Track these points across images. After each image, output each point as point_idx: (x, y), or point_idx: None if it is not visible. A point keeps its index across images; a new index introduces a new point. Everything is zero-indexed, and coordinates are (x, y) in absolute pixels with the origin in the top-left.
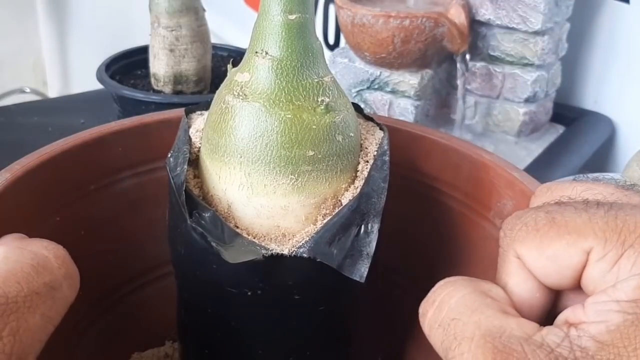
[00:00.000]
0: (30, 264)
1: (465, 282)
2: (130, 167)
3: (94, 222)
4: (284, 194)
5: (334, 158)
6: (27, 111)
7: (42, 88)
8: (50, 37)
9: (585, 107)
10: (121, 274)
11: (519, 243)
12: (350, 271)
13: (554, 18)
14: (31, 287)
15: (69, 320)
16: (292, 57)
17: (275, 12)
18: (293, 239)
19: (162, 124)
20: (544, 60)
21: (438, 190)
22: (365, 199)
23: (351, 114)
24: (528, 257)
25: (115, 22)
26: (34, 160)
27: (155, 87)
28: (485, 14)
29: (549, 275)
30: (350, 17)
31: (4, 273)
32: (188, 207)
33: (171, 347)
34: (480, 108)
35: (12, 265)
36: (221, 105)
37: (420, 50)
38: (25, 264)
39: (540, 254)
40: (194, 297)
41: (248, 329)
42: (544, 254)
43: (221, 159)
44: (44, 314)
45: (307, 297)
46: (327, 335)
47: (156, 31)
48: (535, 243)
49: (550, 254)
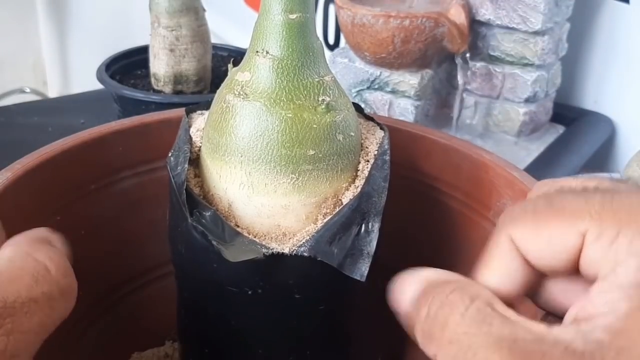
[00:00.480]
0: (31, 273)
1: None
2: (130, 167)
3: (94, 222)
4: (284, 193)
5: (335, 157)
6: (27, 111)
7: (42, 88)
8: (50, 37)
9: (585, 107)
10: (121, 274)
11: (515, 225)
12: (350, 270)
13: (554, 18)
14: (30, 295)
15: (69, 320)
16: (292, 56)
17: (276, 12)
18: (294, 238)
19: (162, 124)
20: (544, 60)
21: (438, 190)
22: (365, 198)
23: (352, 114)
24: (523, 239)
25: (115, 22)
26: (34, 160)
27: (155, 87)
28: (485, 14)
29: (543, 258)
30: (350, 17)
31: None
32: (189, 206)
33: (171, 347)
34: (480, 108)
35: (15, 271)
36: (222, 105)
37: (421, 50)
38: (27, 271)
39: (536, 236)
40: (194, 296)
41: (248, 328)
42: (539, 236)
43: (222, 158)
44: (40, 321)
45: (307, 297)
46: (327, 335)
47: (156, 31)
48: (531, 225)
49: (546, 235)
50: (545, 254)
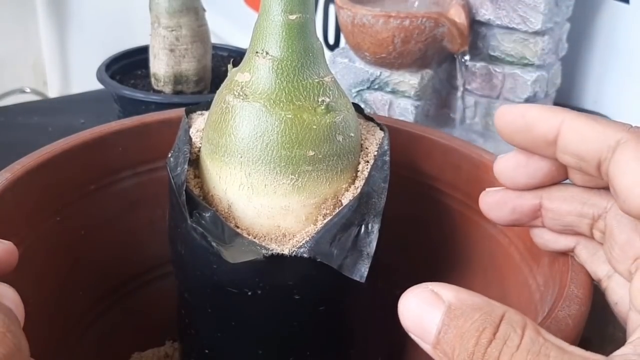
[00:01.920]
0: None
1: (505, 322)
2: (130, 167)
3: (94, 222)
4: (284, 194)
5: (335, 158)
6: (27, 111)
7: (42, 88)
8: (50, 37)
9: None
10: (121, 274)
11: (571, 115)
12: (350, 271)
13: (554, 18)
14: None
15: (69, 320)
16: (292, 57)
17: (275, 12)
18: (293, 239)
19: (162, 124)
20: (544, 60)
21: (438, 190)
22: (365, 199)
23: (351, 114)
24: (573, 125)
25: (115, 22)
26: (34, 160)
27: (155, 87)
28: (485, 14)
29: (580, 148)
30: (350, 17)
31: None
32: (188, 207)
33: (171, 347)
34: (480, 108)
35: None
36: (222, 105)
37: (421, 50)
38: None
39: (585, 125)
40: (194, 297)
41: (248, 328)
42: (588, 125)
43: (222, 159)
44: None
45: (307, 297)
46: (327, 335)
47: (156, 31)
48: (585, 119)
49: (593, 127)
50: (582, 145)
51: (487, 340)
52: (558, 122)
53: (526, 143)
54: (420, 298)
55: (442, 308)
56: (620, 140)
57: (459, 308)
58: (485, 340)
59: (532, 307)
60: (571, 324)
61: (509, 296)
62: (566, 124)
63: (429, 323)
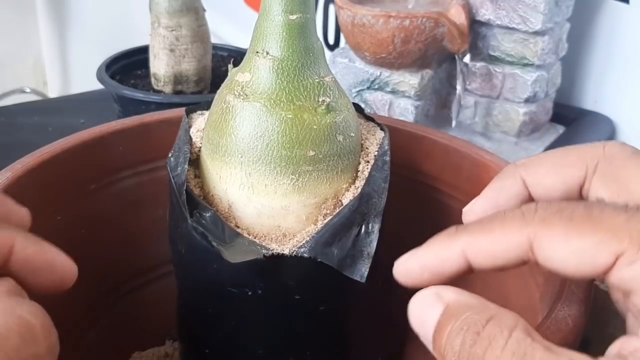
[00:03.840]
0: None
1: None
2: (130, 167)
3: (94, 222)
4: (284, 194)
5: (335, 158)
6: (27, 111)
7: (42, 88)
8: (50, 37)
9: (585, 107)
10: (121, 274)
11: (545, 226)
12: (350, 271)
13: (554, 18)
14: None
15: (69, 320)
16: (293, 57)
17: (276, 12)
18: (294, 239)
19: (162, 124)
20: (544, 61)
21: (438, 190)
22: (366, 199)
23: (352, 114)
24: (549, 243)
25: (115, 22)
26: (34, 160)
27: (155, 87)
28: (485, 14)
29: (566, 267)
30: (350, 17)
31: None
32: (189, 206)
33: (171, 347)
34: (480, 108)
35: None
36: (222, 105)
37: (421, 50)
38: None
39: (566, 244)
40: (194, 296)
41: (248, 328)
42: (569, 245)
43: (222, 158)
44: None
45: (307, 297)
46: (327, 335)
47: (156, 31)
48: (564, 231)
49: (576, 247)
50: (569, 264)
51: (472, 339)
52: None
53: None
54: (424, 299)
55: (441, 309)
56: (623, 255)
57: (455, 308)
58: (469, 339)
59: (532, 307)
60: (571, 324)
61: (509, 296)
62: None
63: (429, 323)
